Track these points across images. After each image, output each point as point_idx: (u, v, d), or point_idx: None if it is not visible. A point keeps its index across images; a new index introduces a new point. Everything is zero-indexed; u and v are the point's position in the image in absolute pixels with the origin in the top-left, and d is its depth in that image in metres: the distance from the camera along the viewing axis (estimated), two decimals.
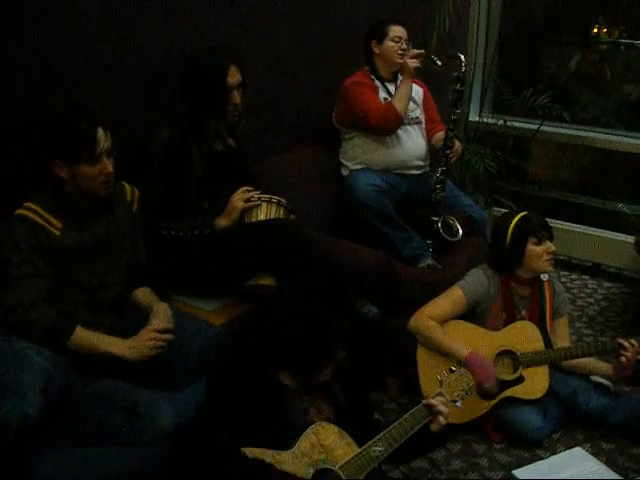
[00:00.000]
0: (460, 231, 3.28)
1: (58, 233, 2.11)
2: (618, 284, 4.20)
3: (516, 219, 2.79)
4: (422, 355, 2.74)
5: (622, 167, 4.58)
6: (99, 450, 1.89)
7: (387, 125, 3.20)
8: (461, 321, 2.77)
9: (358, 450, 1.90)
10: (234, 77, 2.58)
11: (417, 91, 3.49)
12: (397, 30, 3.28)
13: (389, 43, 3.28)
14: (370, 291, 2.86)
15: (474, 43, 4.45)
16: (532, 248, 2.75)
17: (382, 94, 3.31)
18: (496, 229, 2.88)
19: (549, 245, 2.76)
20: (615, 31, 4.77)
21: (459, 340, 2.69)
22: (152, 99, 2.72)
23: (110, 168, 2.14)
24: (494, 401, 2.65)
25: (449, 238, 3.26)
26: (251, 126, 2.81)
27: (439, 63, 3.18)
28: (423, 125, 3.48)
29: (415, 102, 3.45)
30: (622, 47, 4.75)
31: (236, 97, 2.59)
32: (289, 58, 3.40)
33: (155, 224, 2.52)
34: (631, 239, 4.12)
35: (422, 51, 3.23)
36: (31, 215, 2.09)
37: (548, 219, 4.28)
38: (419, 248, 3.20)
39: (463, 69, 3.19)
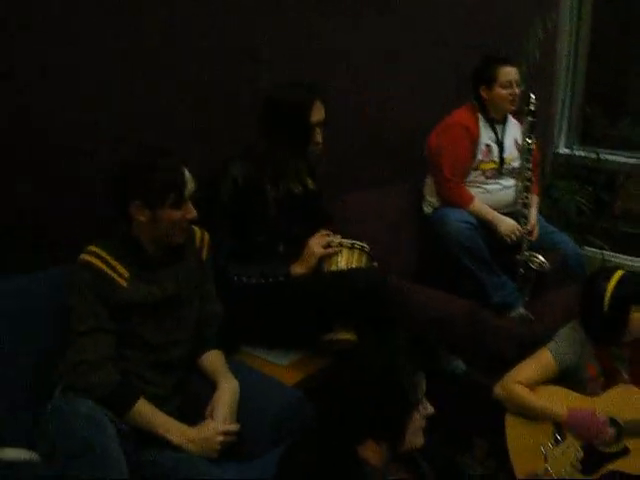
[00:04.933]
0: (547, 263, 3.01)
1: (125, 284, 1.93)
2: None
3: (613, 283, 2.37)
4: (511, 422, 2.45)
5: None
6: None
7: (449, 198, 3.03)
8: (553, 386, 2.46)
9: None
10: (318, 114, 2.38)
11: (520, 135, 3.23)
12: (507, 73, 3.03)
13: (499, 90, 3.05)
14: (457, 345, 2.63)
15: (563, 72, 4.16)
16: (637, 316, 2.37)
17: (485, 139, 3.08)
18: (588, 294, 2.46)
19: None
20: None
21: (553, 400, 2.40)
22: (221, 131, 2.58)
23: (194, 212, 1.97)
24: (596, 475, 2.36)
25: (535, 267, 3.01)
26: (331, 164, 2.60)
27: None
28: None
29: (517, 149, 3.20)
30: None
31: (318, 135, 2.39)
32: (373, 89, 3.22)
33: (225, 269, 2.33)
34: None
35: None
36: (96, 262, 1.91)
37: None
38: (511, 296, 2.94)
39: (532, 107, 3.09)
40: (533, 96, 3.08)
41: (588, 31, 4.17)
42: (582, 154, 4.14)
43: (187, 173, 1.93)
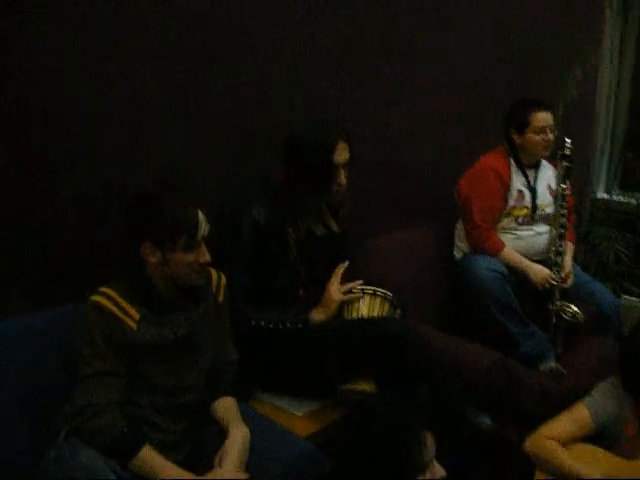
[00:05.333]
0: (580, 313, 2.88)
1: (134, 326, 1.86)
2: None
3: None
4: None
5: None
6: None
7: (478, 245, 2.94)
8: (588, 445, 2.30)
9: None
10: (342, 155, 2.29)
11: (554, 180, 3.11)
12: (541, 119, 2.93)
13: (532, 136, 2.95)
14: (483, 398, 2.50)
15: (603, 114, 4.05)
16: None
17: (517, 184, 2.99)
18: (629, 348, 2.30)
19: None
20: None
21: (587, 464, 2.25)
22: (239, 170, 2.50)
23: (208, 256, 1.89)
24: None
25: (568, 318, 2.89)
26: (355, 204, 2.53)
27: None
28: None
29: (551, 194, 3.08)
30: None
31: (342, 176, 2.31)
32: (398, 124, 3.12)
33: (243, 312, 2.26)
34: None
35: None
36: (107, 303, 1.85)
37: None
38: (541, 346, 2.82)
39: (567, 151, 2.98)
40: (569, 140, 2.98)
41: (630, 72, 4.08)
42: (621, 199, 4.02)
43: (201, 214, 1.86)
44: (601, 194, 4.13)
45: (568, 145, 2.98)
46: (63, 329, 1.98)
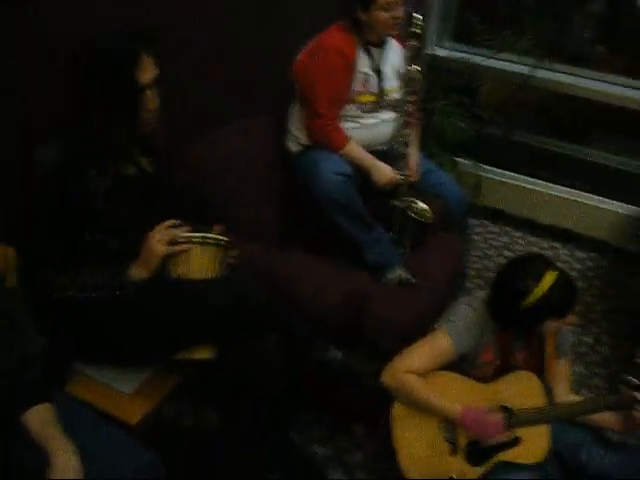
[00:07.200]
0: (427, 210, 2.65)
1: None
2: (592, 254, 3.71)
3: (540, 291, 2.05)
4: (399, 413, 2.18)
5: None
6: None
7: (321, 138, 2.59)
8: (447, 373, 2.19)
9: None
10: (148, 71, 1.78)
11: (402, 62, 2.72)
12: None
13: (379, 13, 2.50)
14: (333, 333, 2.28)
15: None
16: (551, 323, 2.13)
17: (362, 66, 2.58)
18: (507, 285, 2.13)
19: (571, 317, 2.15)
20: None
21: (446, 395, 2.14)
22: (29, 103, 1.95)
23: None
24: (486, 467, 2.17)
25: (414, 215, 2.65)
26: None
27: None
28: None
29: (399, 78, 2.71)
30: None
31: (151, 99, 1.81)
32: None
33: (46, 282, 1.79)
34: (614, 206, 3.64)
35: None
36: None
37: (518, 174, 3.81)
38: (388, 254, 2.60)
39: (417, 29, 2.61)
40: (419, 17, 2.59)
41: None
42: (457, 55, 3.80)
43: None
44: (438, 51, 3.85)
45: (418, 22, 2.59)
46: None
